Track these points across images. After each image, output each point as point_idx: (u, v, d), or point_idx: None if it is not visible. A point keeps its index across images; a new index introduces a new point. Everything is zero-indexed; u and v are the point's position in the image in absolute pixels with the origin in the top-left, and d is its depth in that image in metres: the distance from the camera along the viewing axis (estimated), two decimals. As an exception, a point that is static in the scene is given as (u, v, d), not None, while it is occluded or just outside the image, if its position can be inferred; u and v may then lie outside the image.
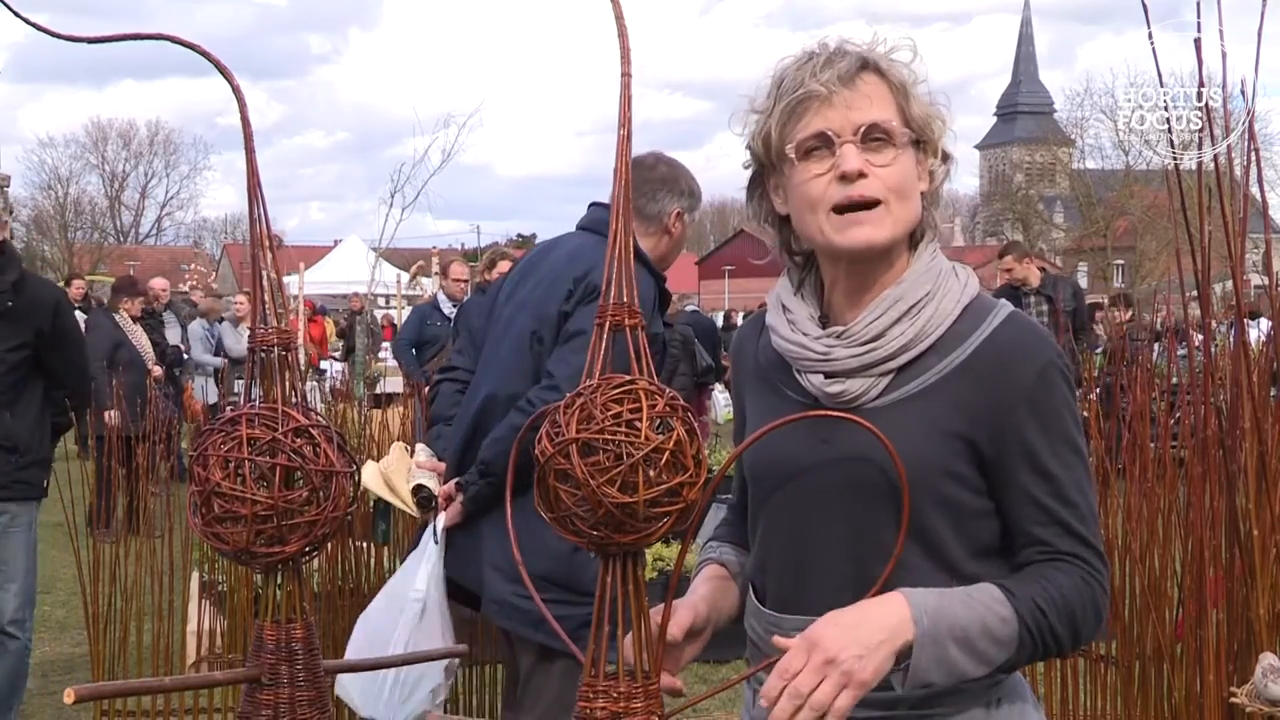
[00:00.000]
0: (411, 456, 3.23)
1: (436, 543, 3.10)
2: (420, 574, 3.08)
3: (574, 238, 3.33)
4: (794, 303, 1.67)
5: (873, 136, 1.55)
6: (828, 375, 1.59)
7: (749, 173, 1.69)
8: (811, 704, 1.40)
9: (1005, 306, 1.62)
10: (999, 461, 1.56)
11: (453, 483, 3.15)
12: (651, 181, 3.27)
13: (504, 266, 7.89)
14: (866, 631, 1.43)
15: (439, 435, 3.32)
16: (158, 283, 12.71)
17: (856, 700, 1.41)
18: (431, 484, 3.16)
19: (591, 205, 3.40)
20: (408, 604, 3.08)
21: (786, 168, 1.61)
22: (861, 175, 1.55)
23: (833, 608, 1.56)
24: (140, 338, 9.26)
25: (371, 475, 3.19)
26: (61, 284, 15.66)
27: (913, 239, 1.64)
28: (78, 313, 13.01)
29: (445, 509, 3.14)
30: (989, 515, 1.58)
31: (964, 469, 1.56)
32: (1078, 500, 1.55)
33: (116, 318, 9.29)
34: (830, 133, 1.55)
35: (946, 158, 1.64)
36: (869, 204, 1.56)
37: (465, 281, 9.38)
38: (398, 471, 3.18)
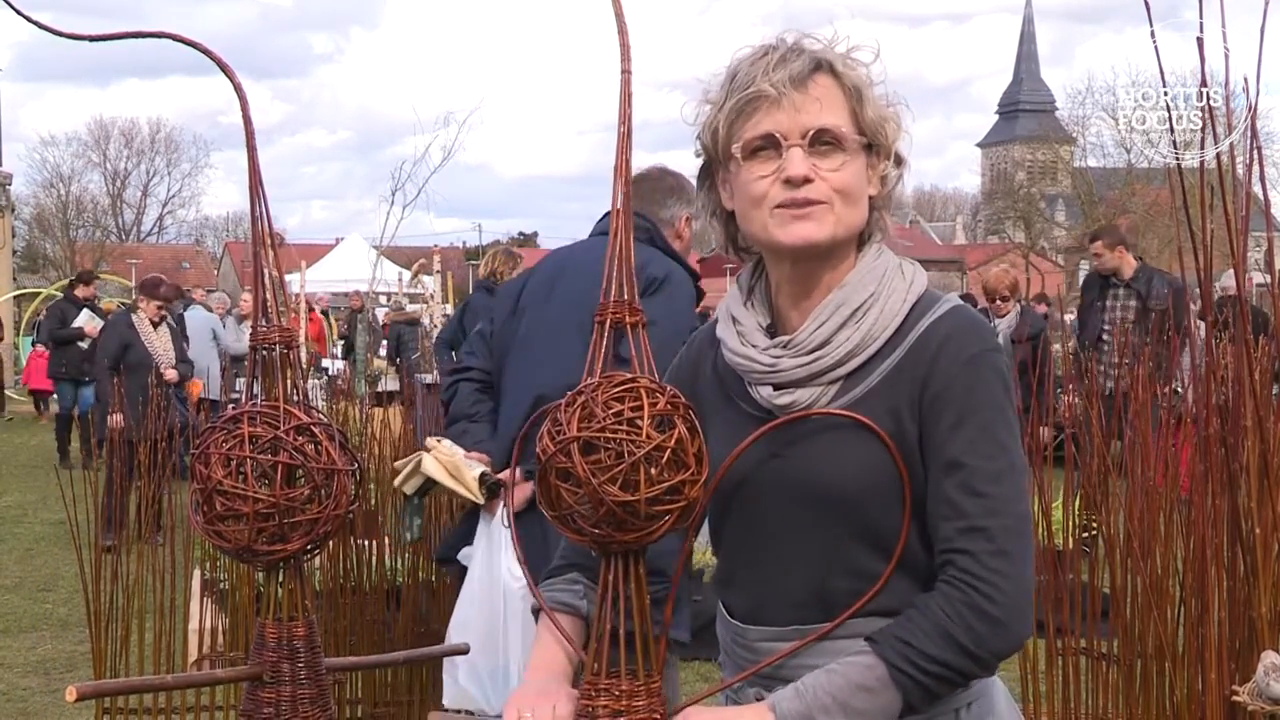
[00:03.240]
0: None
1: (507, 526, 3.13)
2: (507, 560, 3.11)
3: (605, 241, 3.41)
4: (743, 313, 1.65)
5: (821, 141, 1.53)
6: (777, 387, 1.58)
7: (699, 163, 1.67)
8: None
9: (949, 301, 1.59)
10: (923, 452, 1.52)
11: (517, 469, 3.20)
12: (661, 190, 3.50)
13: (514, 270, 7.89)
14: None
15: (465, 432, 3.37)
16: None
17: None
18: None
19: (607, 215, 3.50)
20: (510, 593, 3.11)
21: (732, 165, 1.59)
22: (807, 180, 1.53)
23: (794, 621, 1.56)
24: (155, 340, 8.95)
25: (434, 465, 3.23)
26: (66, 282, 15.47)
27: (861, 241, 1.62)
28: (85, 312, 12.89)
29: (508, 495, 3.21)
30: None
31: (913, 464, 1.52)
32: (987, 491, 1.47)
33: (134, 318, 9.05)
34: (778, 135, 1.53)
35: (900, 162, 1.61)
36: (819, 202, 1.55)
37: None
38: (455, 461, 3.23)
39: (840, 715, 1.43)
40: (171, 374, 8.78)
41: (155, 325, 9.05)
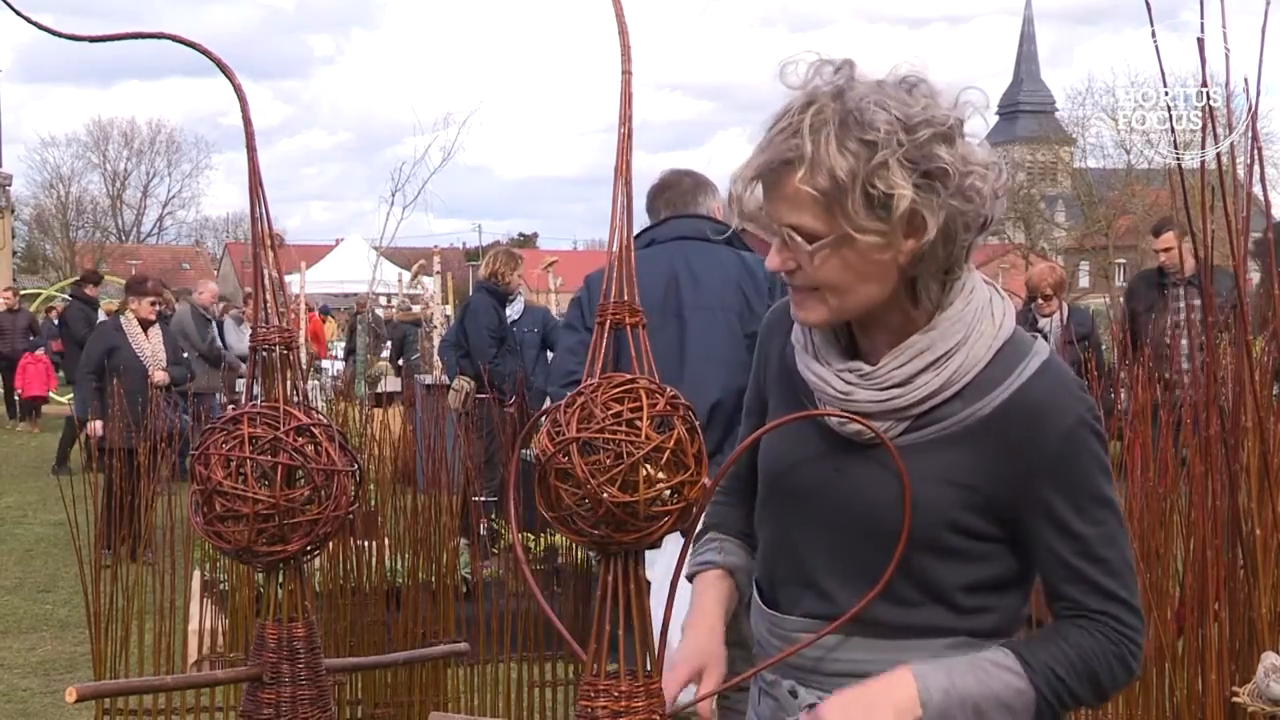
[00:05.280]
0: None
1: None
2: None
3: (709, 247, 3.49)
4: (823, 330, 1.63)
5: (794, 235, 1.50)
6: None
7: None
8: None
9: (1039, 355, 1.54)
10: (1021, 520, 1.53)
11: None
12: (686, 192, 3.60)
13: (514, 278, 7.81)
14: (876, 711, 1.44)
15: None
16: (211, 290, 11.96)
17: None
18: None
19: (674, 218, 3.58)
20: None
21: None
22: (786, 270, 1.53)
23: (831, 618, 1.56)
24: (144, 343, 8.40)
25: None
26: (68, 282, 15.04)
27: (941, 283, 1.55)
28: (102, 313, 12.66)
29: None
30: (991, 558, 1.56)
31: (971, 520, 1.53)
32: (1108, 555, 1.52)
33: (123, 320, 8.53)
34: (768, 219, 1.54)
35: (921, 227, 1.46)
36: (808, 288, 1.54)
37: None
38: None
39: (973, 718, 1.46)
40: (160, 376, 8.28)
41: (148, 326, 8.50)
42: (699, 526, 1.80)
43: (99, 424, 7.88)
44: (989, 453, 1.51)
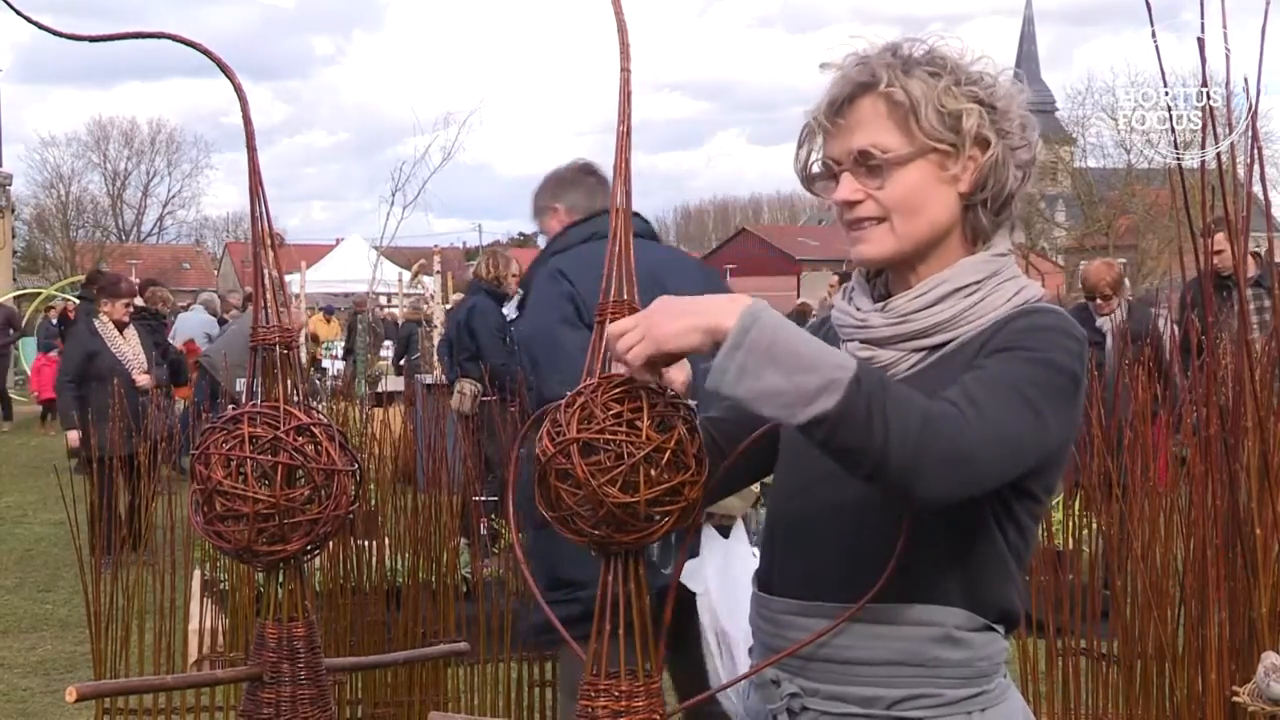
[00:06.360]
0: None
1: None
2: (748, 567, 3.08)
3: (648, 241, 3.41)
4: (861, 281, 1.69)
5: (866, 161, 1.56)
6: (862, 342, 1.61)
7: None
8: (613, 338, 1.42)
9: (1050, 305, 1.60)
10: None
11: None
12: (602, 184, 3.47)
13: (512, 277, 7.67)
14: (686, 304, 1.42)
15: None
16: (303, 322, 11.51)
17: (650, 351, 1.38)
18: None
19: (595, 216, 3.39)
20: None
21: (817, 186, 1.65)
22: (853, 202, 1.57)
23: (818, 597, 1.56)
24: (123, 345, 8.19)
25: None
26: (67, 283, 14.87)
27: (976, 239, 1.61)
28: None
29: None
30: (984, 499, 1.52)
31: None
32: (990, 382, 1.43)
33: (97, 323, 8.22)
34: (831, 161, 1.60)
35: (985, 144, 1.55)
36: (875, 220, 1.58)
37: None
38: None
39: (770, 363, 1.35)
40: (144, 379, 8.06)
41: (123, 328, 8.27)
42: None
43: (76, 434, 7.70)
44: (971, 351, 1.53)
